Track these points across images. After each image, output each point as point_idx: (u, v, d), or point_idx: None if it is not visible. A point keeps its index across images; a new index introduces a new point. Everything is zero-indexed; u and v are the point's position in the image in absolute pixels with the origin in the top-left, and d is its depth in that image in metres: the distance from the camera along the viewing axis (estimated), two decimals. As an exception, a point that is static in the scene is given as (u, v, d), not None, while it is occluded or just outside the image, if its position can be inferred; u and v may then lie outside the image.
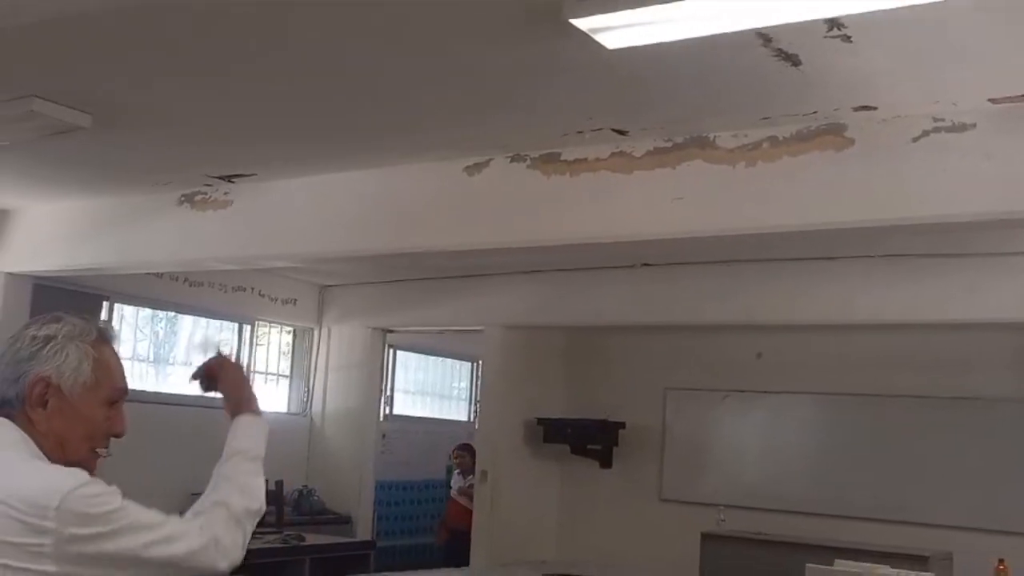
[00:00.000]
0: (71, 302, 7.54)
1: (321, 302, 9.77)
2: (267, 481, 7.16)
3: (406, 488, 10.02)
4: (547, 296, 8.13)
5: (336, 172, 5.89)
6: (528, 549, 8.02)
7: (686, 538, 7.73)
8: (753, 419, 8.41)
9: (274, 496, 7.45)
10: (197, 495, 7.26)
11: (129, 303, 8.31)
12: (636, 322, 8.01)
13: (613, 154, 5.00)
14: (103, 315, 8.00)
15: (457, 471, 9.45)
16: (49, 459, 1.80)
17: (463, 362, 11.93)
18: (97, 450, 1.89)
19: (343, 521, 9.04)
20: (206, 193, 6.42)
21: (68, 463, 1.81)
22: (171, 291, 8.38)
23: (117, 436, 1.92)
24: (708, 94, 4.28)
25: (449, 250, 5.67)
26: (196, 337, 9.06)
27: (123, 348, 7.86)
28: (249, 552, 6.11)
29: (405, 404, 11.04)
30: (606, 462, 8.61)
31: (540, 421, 8.60)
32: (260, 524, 6.71)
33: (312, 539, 6.85)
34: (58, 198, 6.99)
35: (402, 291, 9.03)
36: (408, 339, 10.39)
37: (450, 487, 9.51)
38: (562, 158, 5.13)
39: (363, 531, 9.02)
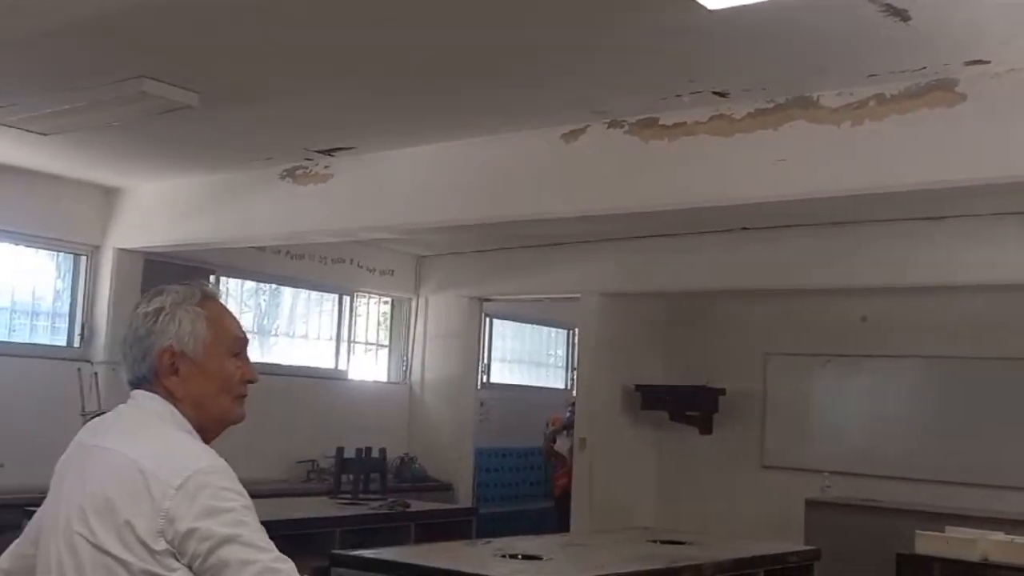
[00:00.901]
0: (180, 276, 7.66)
1: (418, 272, 9.88)
2: (371, 449, 7.28)
3: (505, 455, 10.11)
4: (644, 262, 8.08)
5: (433, 143, 5.94)
6: (627, 516, 8.03)
7: (788, 504, 7.66)
8: (857, 384, 8.25)
9: (378, 463, 7.61)
10: (304, 463, 7.43)
11: (234, 276, 8.52)
12: (735, 287, 7.91)
13: (713, 117, 4.93)
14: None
15: (565, 433, 9.55)
16: (194, 423, 1.88)
17: (559, 330, 11.95)
18: (236, 397, 1.94)
19: (444, 488, 9.17)
20: (307, 167, 6.53)
21: (213, 419, 1.90)
22: (274, 264, 8.57)
23: (251, 382, 1.96)
24: (811, 53, 4.19)
25: (546, 218, 5.68)
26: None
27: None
28: (356, 518, 6.24)
29: (502, 373, 11.12)
30: (706, 428, 8.55)
31: (638, 388, 8.57)
32: (365, 491, 6.81)
33: (416, 505, 6.97)
34: (166, 176, 7.19)
35: (498, 260, 9.07)
36: (503, 307, 10.44)
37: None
38: (660, 123, 5.08)
39: (464, 498, 9.14)
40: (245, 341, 1.99)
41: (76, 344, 7.59)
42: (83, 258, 7.68)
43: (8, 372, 7.01)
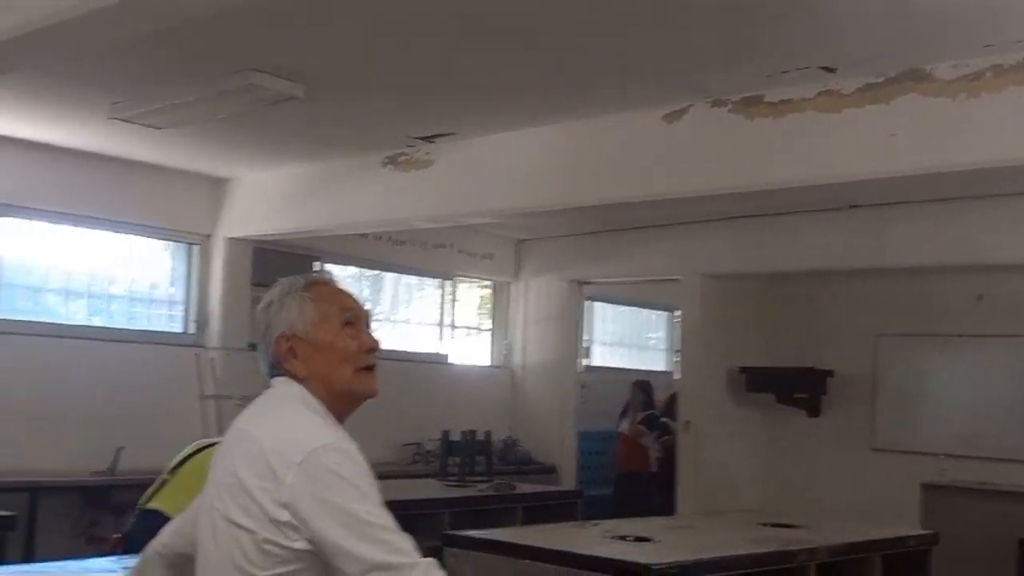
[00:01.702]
0: (286, 263, 7.94)
1: (518, 256, 9.91)
2: (475, 432, 7.33)
3: (607, 438, 10.07)
4: (747, 243, 7.95)
5: (533, 127, 5.95)
6: (732, 499, 7.95)
7: (901, 488, 7.48)
8: (971, 364, 7.98)
9: (483, 446, 7.67)
10: (409, 445, 7.53)
11: (337, 262, 8.67)
12: (844, 266, 7.73)
13: (820, 93, 4.83)
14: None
15: (634, 414, 9.43)
16: (326, 402, 1.94)
17: (659, 312, 11.87)
18: (361, 367, 1.99)
19: (547, 471, 9.21)
20: (408, 154, 6.60)
21: (341, 393, 1.96)
22: (375, 250, 8.70)
23: (372, 350, 2.01)
24: (924, 24, 4.07)
25: (649, 200, 5.64)
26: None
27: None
28: (464, 500, 6.32)
29: (602, 355, 11.09)
30: (814, 411, 8.40)
31: (743, 370, 8.46)
32: (471, 473, 6.88)
33: (522, 488, 7.01)
34: (272, 166, 7.36)
35: (598, 243, 9.04)
36: (602, 290, 10.40)
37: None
38: (765, 100, 5.00)
39: (567, 480, 9.16)
40: (357, 311, 2.03)
41: (191, 331, 7.83)
42: (195, 247, 7.91)
43: (127, 358, 7.28)
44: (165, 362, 7.47)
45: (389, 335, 9.14)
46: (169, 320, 7.90)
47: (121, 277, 7.67)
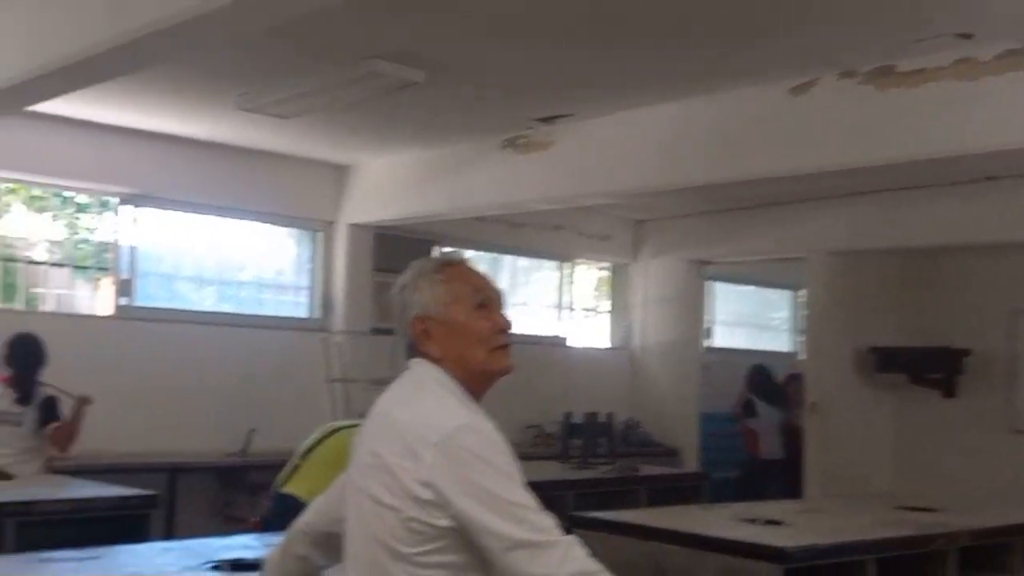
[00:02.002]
0: (406, 248, 8.04)
1: (636, 237, 9.82)
2: (596, 414, 7.26)
3: (728, 420, 9.91)
4: (876, 218, 7.70)
5: (653, 105, 5.87)
6: (863, 482, 7.74)
7: (1044, 471, 7.17)
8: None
9: (605, 428, 7.64)
10: (530, 428, 7.52)
11: (455, 246, 8.72)
12: (980, 241, 7.41)
13: (956, 61, 4.64)
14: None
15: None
16: (461, 381, 1.96)
17: (782, 291, 11.62)
18: (495, 347, 1.99)
19: (669, 453, 9.13)
20: (528, 136, 6.60)
21: (475, 373, 1.98)
22: (494, 233, 8.73)
23: (505, 330, 2.02)
24: (1073, -17, 3.85)
25: (775, 176, 5.51)
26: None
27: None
28: (589, 482, 6.31)
29: (723, 336, 10.92)
30: (948, 391, 8.10)
31: (872, 350, 8.21)
32: (594, 455, 6.83)
33: (645, 470, 6.97)
34: (392, 152, 7.46)
35: (719, 222, 8.88)
36: (723, 270, 10.22)
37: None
38: (897, 70, 4.82)
39: (690, 463, 9.07)
40: (489, 292, 2.04)
41: (317, 315, 8.01)
42: (319, 234, 8.08)
43: (257, 343, 7.49)
44: (293, 347, 7.66)
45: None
46: (295, 306, 8.10)
47: (249, 264, 7.90)
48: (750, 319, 11.52)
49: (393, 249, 8.09)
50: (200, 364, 7.14)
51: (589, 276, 10.10)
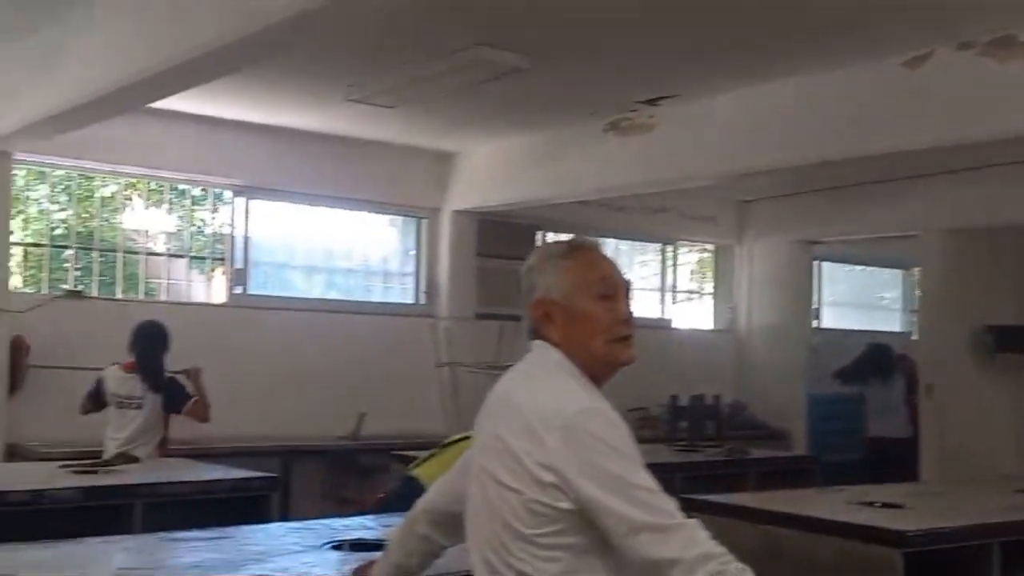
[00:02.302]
0: (509, 235, 8.10)
1: (741, 218, 9.69)
2: (703, 396, 7.22)
3: (840, 402, 9.71)
4: (993, 194, 7.43)
5: (759, 84, 5.77)
6: (982, 465, 7.50)
7: None
8: None
9: (711, 410, 7.58)
10: (635, 411, 7.42)
11: (558, 231, 8.73)
12: (1105, 215, 7.12)
13: (1081, 29, 4.44)
14: (537, 244, 8.47)
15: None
16: (581, 367, 1.96)
17: (893, 270, 11.32)
18: (615, 340, 1.98)
19: (778, 436, 8.99)
20: (631, 118, 6.55)
21: (595, 361, 1.97)
22: (596, 217, 8.68)
23: (627, 322, 2.00)
24: None
25: (889, 153, 5.36)
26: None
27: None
28: (697, 464, 6.23)
29: (832, 317, 10.69)
30: (1073, 371, 7.82)
31: (990, 329, 7.96)
32: (701, 437, 6.79)
33: (754, 453, 6.89)
34: (495, 139, 7.49)
35: (827, 201, 8.68)
36: (830, 249, 10.00)
37: None
38: (1019, 40, 4.63)
39: (798, 446, 8.92)
40: (615, 280, 2.01)
41: (422, 301, 8.12)
42: (424, 221, 8.18)
43: (366, 329, 7.63)
44: (400, 333, 7.78)
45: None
46: (401, 292, 8.22)
47: (355, 252, 8.04)
48: (859, 299, 11.25)
49: (496, 235, 8.14)
50: (311, 351, 7.30)
51: (690, 258, 10.00)
